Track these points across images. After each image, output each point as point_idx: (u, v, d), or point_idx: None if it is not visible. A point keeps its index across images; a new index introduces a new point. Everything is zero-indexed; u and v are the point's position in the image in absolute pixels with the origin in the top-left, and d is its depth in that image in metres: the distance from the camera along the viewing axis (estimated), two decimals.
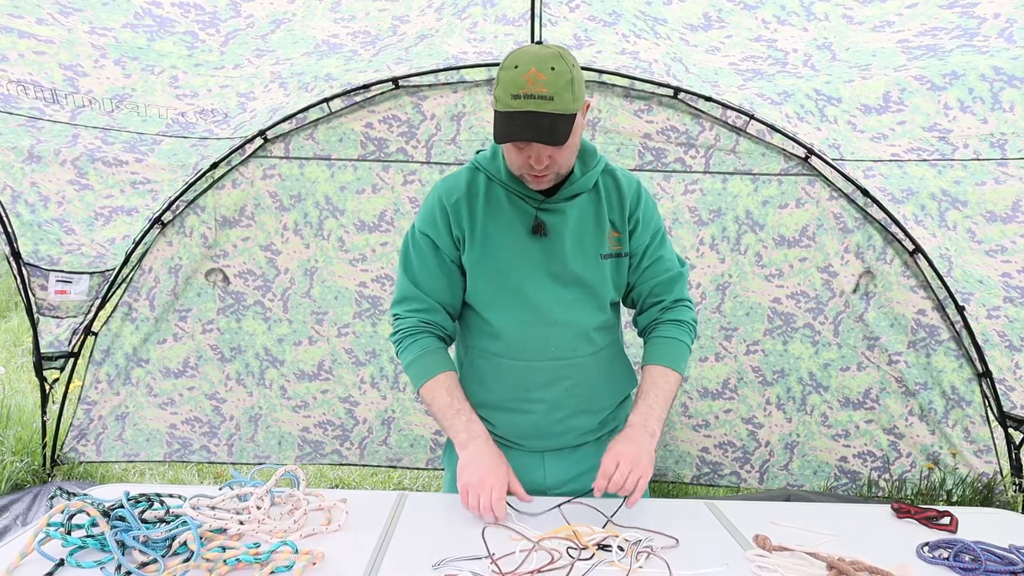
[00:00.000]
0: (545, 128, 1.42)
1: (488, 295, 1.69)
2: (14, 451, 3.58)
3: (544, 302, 1.66)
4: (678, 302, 1.75)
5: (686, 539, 1.50)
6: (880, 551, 1.44)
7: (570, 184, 1.64)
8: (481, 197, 1.67)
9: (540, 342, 1.68)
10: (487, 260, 1.66)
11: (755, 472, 3.77)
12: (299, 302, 3.65)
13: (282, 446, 3.82)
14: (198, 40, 2.45)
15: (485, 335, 1.72)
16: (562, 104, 1.42)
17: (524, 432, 1.74)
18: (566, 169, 1.57)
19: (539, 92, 1.40)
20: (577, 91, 1.45)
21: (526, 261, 1.65)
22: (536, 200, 1.64)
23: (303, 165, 3.50)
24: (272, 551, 1.35)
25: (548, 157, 1.50)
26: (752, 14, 2.35)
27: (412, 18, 2.67)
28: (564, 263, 1.65)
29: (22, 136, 2.79)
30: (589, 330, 1.70)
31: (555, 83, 1.41)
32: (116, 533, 1.33)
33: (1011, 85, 2.29)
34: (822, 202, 3.44)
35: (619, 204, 1.69)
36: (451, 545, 1.44)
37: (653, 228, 1.72)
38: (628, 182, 1.72)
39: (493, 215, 1.66)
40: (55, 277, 3.28)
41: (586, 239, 1.66)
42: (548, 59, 1.43)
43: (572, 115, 1.44)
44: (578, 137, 1.54)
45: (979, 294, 3.18)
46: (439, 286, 1.70)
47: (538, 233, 1.63)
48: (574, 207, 1.66)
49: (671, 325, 1.73)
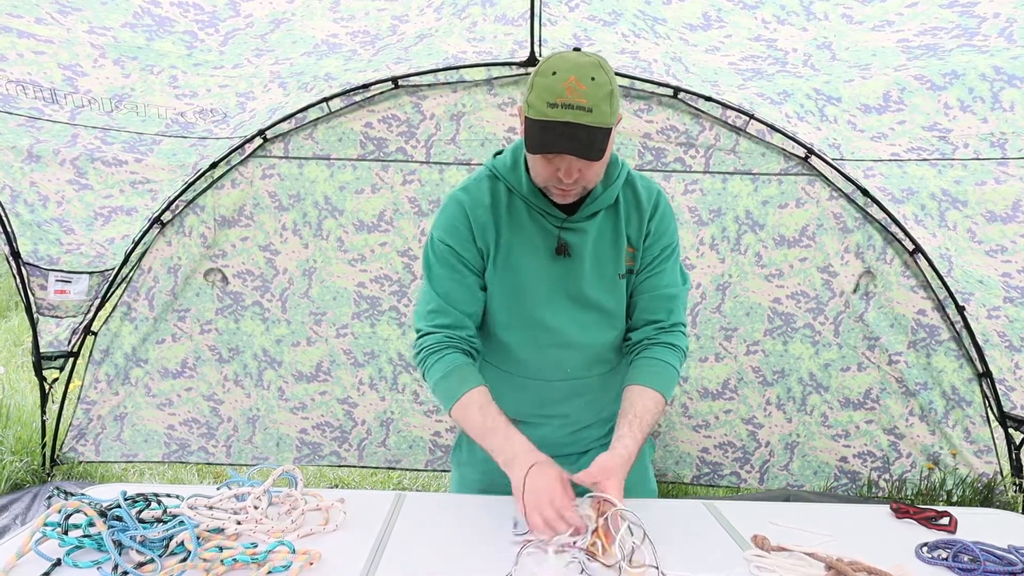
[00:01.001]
0: (582, 141, 1.35)
1: (504, 315, 1.64)
2: (13, 451, 3.58)
3: (561, 325, 1.61)
4: (676, 326, 1.66)
5: (684, 539, 1.49)
6: (879, 551, 1.44)
7: (592, 200, 1.56)
8: (503, 210, 1.59)
9: (555, 363, 1.65)
10: (508, 280, 1.60)
11: (755, 472, 3.77)
12: (297, 303, 3.65)
13: (280, 447, 3.82)
14: (197, 40, 2.45)
15: (499, 353, 1.69)
16: (600, 117, 1.35)
17: (537, 443, 1.67)
18: (593, 184, 1.50)
19: (578, 103, 1.34)
20: (615, 104, 1.39)
21: (546, 284, 1.59)
22: (558, 218, 1.57)
23: (302, 165, 3.50)
24: (269, 551, 1.35)
25: (579, 171, 1.43)
26: (752, 14, 2.35)
27: (411, 18, 2.67)
28: (583, 286, 1.59)
29: (21, 136, 2.79)
30: (605, 350, 1.68)
31: (595, 94, 1.34)
32: (113, 533, 1.33)
33: (1011, 85, 2.28)
34: (822, 202, 3.44)
35: (637, 216, 1.62)
36: (449, 546, 1.44)
37: (665, 242, 1.64)
38: (648, 193, 1.64)
39: (516, 231, 1.58)
40: (54, 277, 3.28)
41: (605, 260, 1.60)
42: (588, 68, 1.36)
43: (609, 129, 1.39)
44: (610, 152, 1.49)
45: (979, 294, 3.17)
46: (465, 298, 1.62)
47: (561, 254, 1.57)
48: (594, 225, 1.59)
49: (667, 349, 1.63)
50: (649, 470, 1.89)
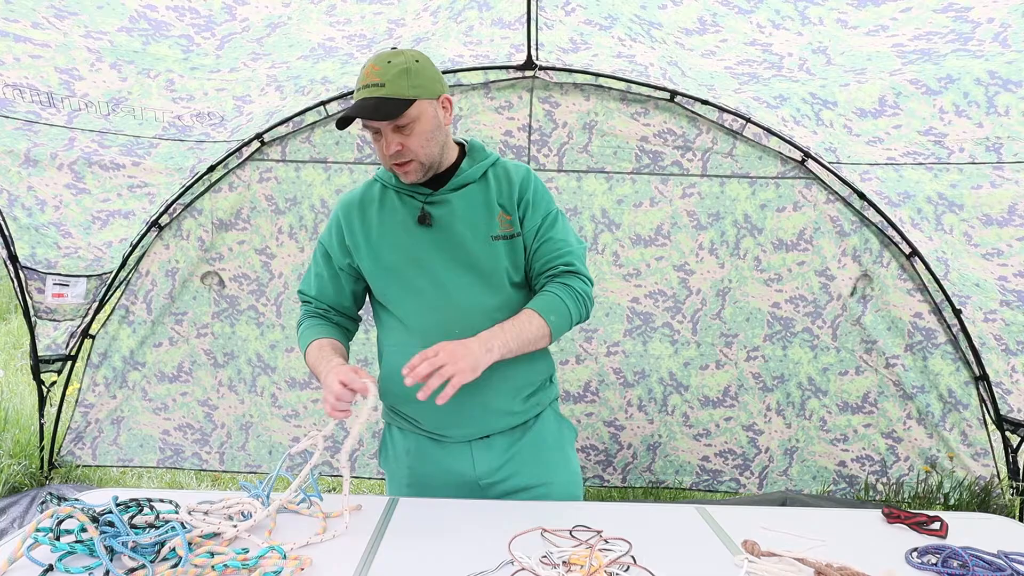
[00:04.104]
0: (369, 107, 1.55)
1: (388, 290, 1.77)
2: (11, 454, 3.59)
3: (439, 287, 1.71)
4: (571, 272, 1.74)
5: (675, 545, 1.49)
6: (870, 556, 1.44)
7: (457, 175, 1.73)
8: (375, 204, 1.78)
9: (442, 326, 1.70)
10: (381, 258, 1.75)
11: (755, 478, 3.76)
12: (292, 307, 3.65)
13: (272, 455, 3.81)
14: (193, 44, 2.45)
15: (396, 330, 1.79)
16: (394, 89, 1.56)
17: (446, 421, 1.74)
18: (425, 157, 1.65)
19: (373, 81, 1.57)
20: (415, 80, 1.57)
21: (416, 250, 1.72)
22: (424, 194, 1.73)
23: (299, 168, 3.51)
24: (260, 557, 1.35)
25: (398, 144, 1.60)
26: (747, 18, 2.35)
27: (408, 22, 2.67)
28: (454, 248, 1.71)
29: (18, 139, 2.80)
30: (490, 311, 1.71)
31: (387, 72, 1.56)
32: (105, 539, 1.33)
33: (1006, 89, 2.29)
34: (819, 205, 3.44)
35: (508, 188, 1.75)
36: (441, 552, 1.44)
37: (543, 211, 1.76)
38: (517, 169, 1.79)
39: (386, 217, 1.76)
40: (52, 280, 3.29)
41: (476, 223, 1.72)
42: (388, 54, 1.59)
43: (406, 100, 1.56)
44: (431, 127, 1.63)
45: (976, 297, 3.17)
46: (326, 292, 1.85)
47: (424, 223, 1.72)
48: (462, 197, 1.73)
49: (558, 285, 1.72)
50: (571, 455, 1.90)
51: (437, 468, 1.80)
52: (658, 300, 3.60)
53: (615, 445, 3.76)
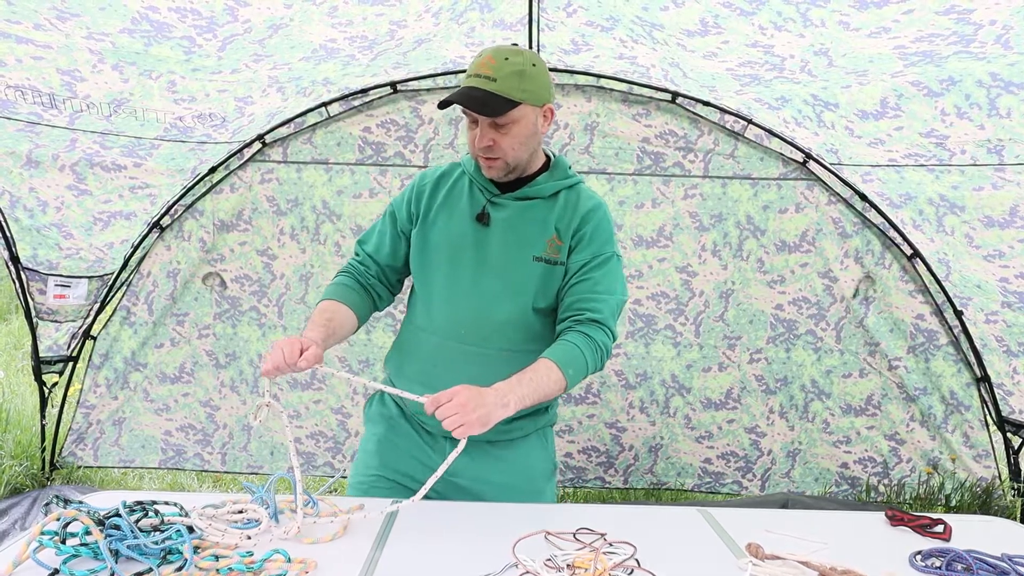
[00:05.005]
0: (476, 99, 1.56)
1: (421, 268, 1.79)
2: (13, 455, 3.58)
3: (465, 285, 1.72)
4: (596, 323, 1.67)
5: (678, 547, 1.49)
6: (873, 559, 1.44)
7: (530, 186, 1.73)
8: (448, 185, 1.80)
9: (452, 322, 1.72)
10: (429, 236, 1.78)
11: (757, 481, 3.76)
12: (294, 308, 3.65)
13: (274, 456, 3.80)
14: (195, 45, 2.45)
15: (415, 309, 1.83)
16: (504, 87, 1.56)
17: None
18: (513, 159, 1.65)
19: (485, 73, 1.57)
20: (527, 84, 1.57)
21: (461, 242, 1.73)
22: (491, 192, 1.74)
23: (301, 169, 3.51)
24: (265, 560, 1.35)
25: (491, 139, 1.61)
26: (748, 20, 2.35)
27: (409, 23, 2.67)
28: (494, 255, 1.71)
29: (20, 141, 2.80)
30: (503, 324, 1.71)
31: (502, 68, 1.56)
32: (110, 542, 1.33)
33: (1008, 91, 2.28)
34: (821, 206, 3.44)
35: (571, 215, 1.72)
36: (445, 554, 1.44)
37: (596, 250, 1.71)
38: (589, 200, 1.75)
39: (451, 200, 1.78)
40: (54, 281, 3.29)
41: (524, 238, 1.71)
42: (507, 51, 1.59)
43: (512, 101, 1.57)
44: (528, 132, 1.64)
45: (977, 299, 3.17)
46: (383, 250, 1.87)
47: (481, 221, 1.72)
48: (524, 208, 1.73)
49: (579, 335, 1.65)
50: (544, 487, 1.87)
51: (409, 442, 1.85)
52: (660, 302, 3.60)
53: (617, 447, 3.76)
